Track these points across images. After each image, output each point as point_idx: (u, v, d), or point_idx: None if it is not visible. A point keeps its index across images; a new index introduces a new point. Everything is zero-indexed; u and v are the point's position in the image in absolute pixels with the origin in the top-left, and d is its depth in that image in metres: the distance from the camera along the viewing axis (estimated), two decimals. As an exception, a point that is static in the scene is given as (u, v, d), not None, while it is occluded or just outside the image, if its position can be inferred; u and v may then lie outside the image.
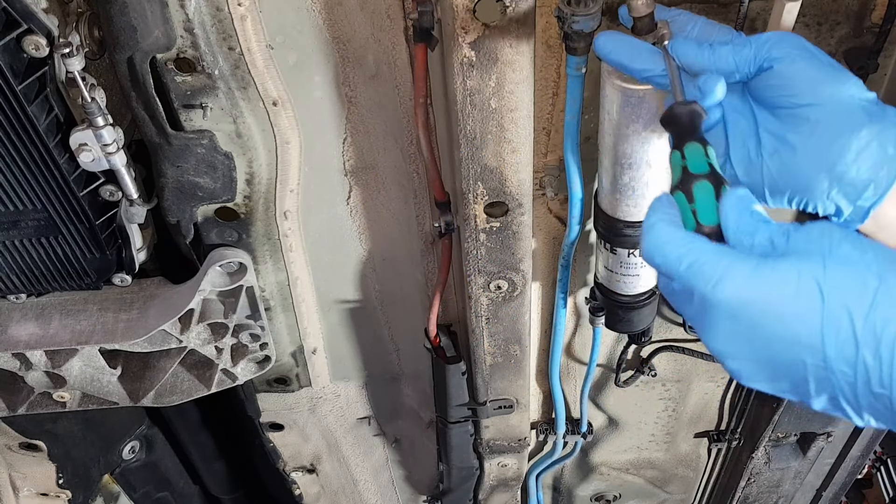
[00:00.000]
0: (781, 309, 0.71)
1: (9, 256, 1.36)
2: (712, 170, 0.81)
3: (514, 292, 1.46)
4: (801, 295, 0.70)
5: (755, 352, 0.73)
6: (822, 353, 0.69)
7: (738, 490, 2.23)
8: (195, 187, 1.30)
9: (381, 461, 2.27)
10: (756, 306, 0.72)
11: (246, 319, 1.52)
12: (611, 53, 0.93)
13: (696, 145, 0.82)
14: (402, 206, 1.50)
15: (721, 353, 0.76)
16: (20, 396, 1.60)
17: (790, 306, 0.70)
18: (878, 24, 1.17)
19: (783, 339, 0.71)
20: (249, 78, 1.19)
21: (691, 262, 0.75)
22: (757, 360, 0.74)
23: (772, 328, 0.71)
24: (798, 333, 0.70)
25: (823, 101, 0.84)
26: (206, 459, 2.36)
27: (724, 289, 0.73)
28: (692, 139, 0.83)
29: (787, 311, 0.71)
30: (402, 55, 1.24)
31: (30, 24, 1.03)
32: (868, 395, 0.69)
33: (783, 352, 0.71)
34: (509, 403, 1.76)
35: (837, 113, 0.84)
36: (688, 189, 0.80)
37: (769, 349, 0.72)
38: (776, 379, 0.74)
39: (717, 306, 0.73)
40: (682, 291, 0.77)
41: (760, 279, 0.72)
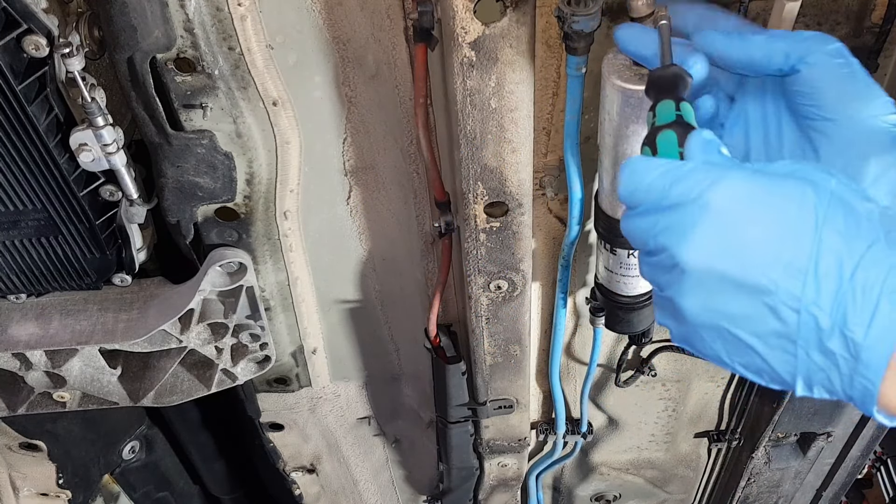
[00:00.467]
0: (773, 226, 0.65)
1: (9, 256, 1.36)
2: (679, 119, 0.76)
3: (514, 292, 1.46)
4: (798, 218, 0.65)
5: (727, 264, 0.66)
6: (801, 286, 0.64)
7: (738, 490, 2.23)
8: (195, 187, 1.30)
9: (381, 461, 2.27)
10: (749, 212, 0.66)
11: (246, 319, 1.52)
12: (630, 44, 0.91)
13: (668, 101, 0.78)
14: (402, 206, 1.50)
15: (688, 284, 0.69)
16: (20, 396, 1.60)
17: (783, 226, 0.65)
18: (878, 24, 1.17)
19: (762, 258, 0.65)
20: (249, 78, 1.19)
21: (677, 175, 0.70)
22: (722, 284, 0.67)
23: (755, 242, 0.65)
24: (780, 256, 0.65)
25: (847, 118, 0.80)
26: (206, 459, 2.36)
27: (720, 189, 0.67)
28: (666, 97, 0.79)
29: (778, 230, 0.65)
30: (402, 55, 1.24)
31: (30, 24, 1.03)
32: (827, 350, 0.65)
33: (757, 272, 0.65)
34: (509, 403, 1.76)
35: (860, 133, 0.79)
36: (651, 141, 0.76)
37: (743, 265, 0.66)
38: (734, 320, 0.68)
39: (708, 212, 0.66)
40: (661, 220, 0.70)
41: (759, 184, 0.66)
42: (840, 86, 0.80)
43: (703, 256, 0.68)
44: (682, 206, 0.69)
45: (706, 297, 0.68)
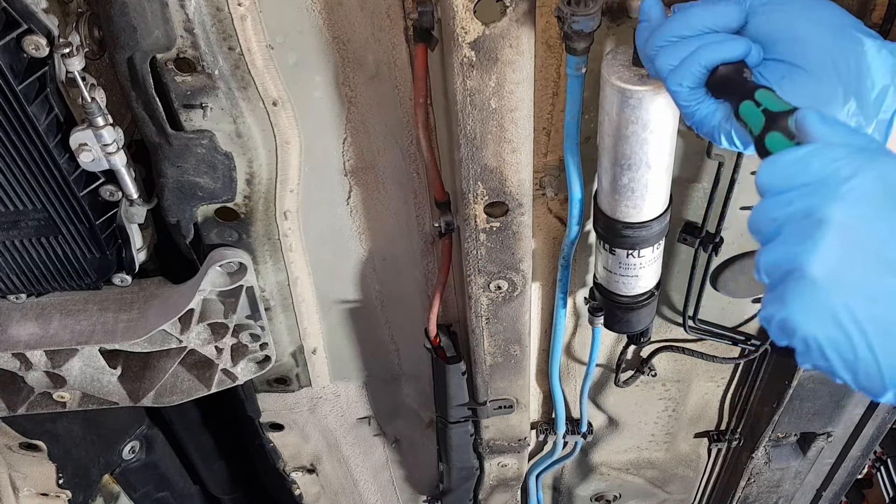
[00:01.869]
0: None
1: (9, 256, 1.36)
2: (769, 113, 0.76)
3: (514, 292, 1.46)
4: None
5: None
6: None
7: (738, 490, 2.23)
8: (195, 187, 1.30)
9: (381, 461, 2.27)
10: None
11: (246, 319, 1.52)
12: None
13: (748, 103, 0.79)
14: (402, 206, 1.50)
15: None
16: (20, 396, 1.60)
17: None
18: (878, 24, 1.17)
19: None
20: (249, 78, 1.19)
21: (830, 154, 0.67)
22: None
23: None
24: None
25: (821, 23, 0.82)
26: (206, 459, 2.36)
27: (877, 164, 0.64)
28: (757, 86, 0.80)
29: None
30: (402, 55, 1.24)
31: (30, 24, 1.03)
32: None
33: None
34: (509, 403, 1.76)
35: (838, 32, 0.82)
36: (783, 127, 0.74)
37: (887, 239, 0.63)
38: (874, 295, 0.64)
39: (867, 174, 0.64)
40: (810, 186, 0.67)
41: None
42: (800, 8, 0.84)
43: (850, 214, 0.64)
44: (836, 172, 0.66)
45: (841, 258, 0.65)
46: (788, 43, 0.84)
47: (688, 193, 1.45)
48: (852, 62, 0.81)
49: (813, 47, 0.82)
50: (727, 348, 1.81)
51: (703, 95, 0.88)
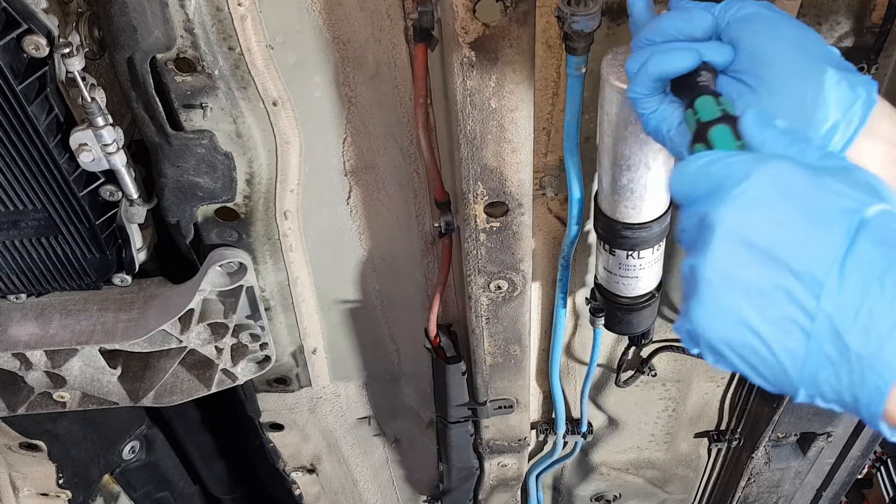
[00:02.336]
0: (815, 214, 0.63)
1: (9, 256, 1.36)
2: (726, 113, 0.76)
3: (514, 292, 1.46)
4: (842, 211, 0.63)
5: (756, 241, 0.65)
6: (826, 273, 0.62)
7: (738, 490, 2.23)
8: (195, 187, 1.30)
9: (381, 461, 2.27)
10: (792, 193, 0.64)
11: (246, 319, 1.52)
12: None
13: (706, 97, 0.79)
14: (402, 206, 1.50)
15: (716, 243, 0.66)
16: (20, 396, 1.60)
17: (824, 216, 0.64)
18: (878, 24, 1.17)
19: (796, 238, 0.64)
20: (249, 78, 1.19)
21: (726, 161, 0.68)
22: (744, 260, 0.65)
23: (793, 220, 0.64)
24: (815, 242, 0.63)
25: (789, 46, 0.81)
26: (206, 459, 2.36)
27: (771, 167, 0.65)
28: (701, 93, 0.80)
29: (818, 218, 0.64)
30: (402, 55, 1.24)
31: (30, 24, 1.03)
32: (841, 345, 0.63)
33: (787, 248, 0.64)
34: (509, 403, 1.76)
35: (803, 58, 0.81)
36: (704, 137, 0.75)
37: (776, 237, 0.64)
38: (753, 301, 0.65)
39: (753, 181, 0.65)
40: (708, 191, 0.68)
41: (810, 174, 0.65)
42: (771, 37, 0.82)
43: (738, 217, 0.66)
44: (730, 177, 0.67)
45: (727, 258, 0.66)
46: (751, 62, 0.83)
47: (688, 193, 1.44)
48: (810, 92, 0.80)
49: (775, 71, 0.81)
50: (727, 348, 1.81)
51: (658, 104, 0.87)
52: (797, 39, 0.82)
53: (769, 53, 0.82)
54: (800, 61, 0.81)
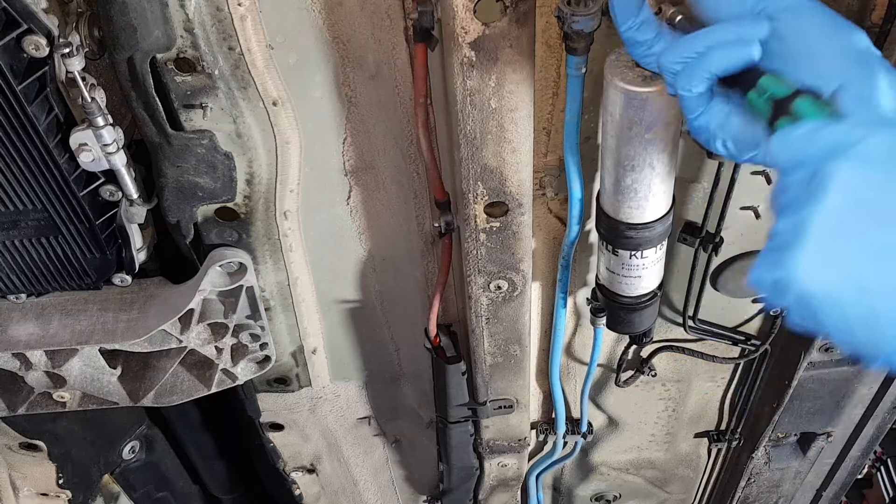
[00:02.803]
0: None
1: (9, 256, 1.36)
2: (799, 89, 0.77)
3: (514, 292, 1.46)
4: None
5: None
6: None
7: (738, 490, 2.23)
8: (195, 187, 1.30)
9: (381, 461, 2.27)
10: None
11: (246, 319, 1.52)
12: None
13: (769, 77, 0.79)
14: (402, 206, 1.50)
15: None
16: (20, 396, 1.60)
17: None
18: (878, 24, 1.17)
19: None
20: (249, 78, 1.18)
21: (831, 129, 0.69)
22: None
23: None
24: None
25: (841, 46, 0.79)
26: (206, 459, 2.36)
27: (883, 132, 0.67)
28: (759, 75, 0.80)
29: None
30: (402, 55, 1.24)
31: (30, 24, 1.03)
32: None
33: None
34: (509, 403, 1.76)
35: (856, 58, 0.78)
36: (787, 111, 0.76)
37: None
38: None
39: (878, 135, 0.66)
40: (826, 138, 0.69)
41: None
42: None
43: (857, 172, 0.66)
44: (844, 139, 0.68)
45: (846, 211, 0.66)
46: (803, 60, 0.80)
47: (688, 193, 1.44)
48: (865, 91, 0.78)
49: (826, 69, 0.79)
50: (727, 348, 1.81)
51: (707, 101, 0.85)
52: (847, 41, 0.80)
53: (823, 54, 0.80)
54: (854, 63, 0.79)
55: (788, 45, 0.82)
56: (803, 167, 0.71)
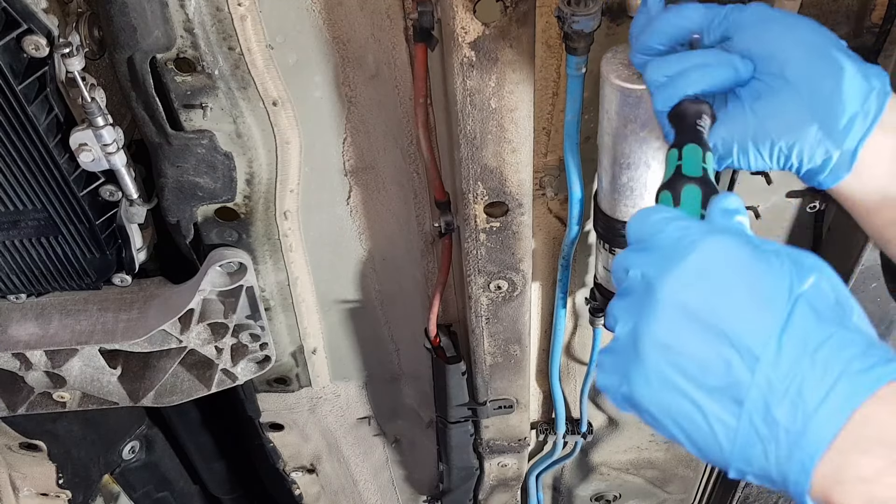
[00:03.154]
0: (754, 287, 0.65)
1: (9, 256, 1.36)
2: (705, 175, 0.78)
3: (514, 292, 1.46)
4: (777, 287, 0.64)
5: (696, 309, 0.66)
6: (763, 346, 0.63)
7: (738, 490, 2.23)
8: (195, 187, 1.30)
9: (381, 461, 2.27)
10: (735, 267, 0.66)
11: (246, 319, 1.52)
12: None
13: (695, 147, 0.81)
14: (402, 206, 1.50)
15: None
16: (20, 396, 1.60)
17: (762, 291, 0.65)
18: (878, 24, 1.17)
19: (733, 310, 0.65)
20: (249, 78, 1.19)
21: (687, 227, 0.70)
22: (681, 326, 0.66)
23: (732, 293, 0.65)
24: (751, 315, 0.64)
25: (803, 43, 0.83)
26: (206, 459, 2.36)
27: (716, 241, 0.67)
28: (693, 140, 0.81)
29: (757, 293, 0.65)
30: (402, 55, 1.24)
31: (30, 24, 1.03)
32: (771, 420, 0.63)
33: (724, 319, 0.65)
34: (509, 403, 1.76)
35: (818, 54, 0.82)
36: (676, 190, 0.77)
37: (714, 308, 0.65)
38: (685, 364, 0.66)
39: (698, 252, 0.67)
40: (654, 254, 0.70)
41: (754, 249, 0.67)
42: (780, 28, 0.85)
43: (682, 287, 0.67)
44: (681, 243, 0.69)
45: (669, 328, 0.67)
46: (767, 62, 0.83)
47: (688, 193, 1.44)
48: (828, 87, 0.81)
49: (791, 68, 0.82)
50: (727, 348, 1.81)
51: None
52: (810, 37, 0.83)
53: (785, 53, 0.83)
54: (815, 57, 0.82)
55: (758, 59, 0.84)
56: (642, 255, 0.70)
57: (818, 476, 0.62)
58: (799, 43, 0.83)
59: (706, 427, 0.66)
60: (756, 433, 0.64)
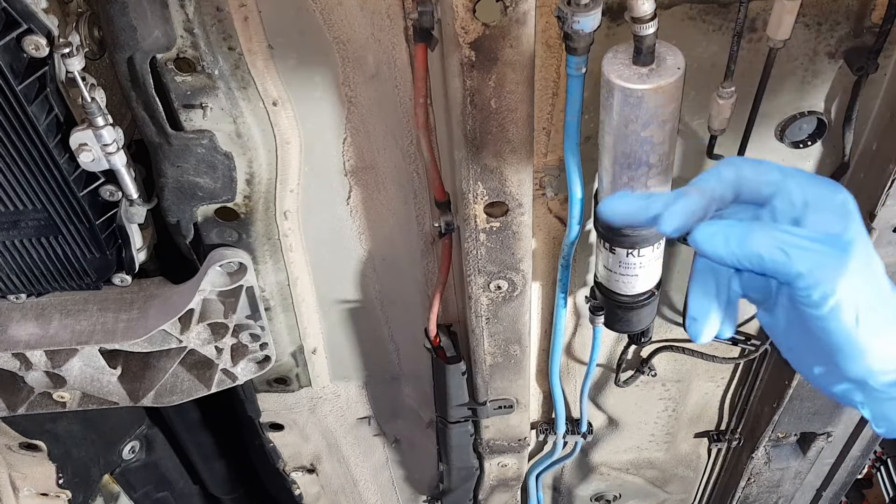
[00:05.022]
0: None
1: (9, 256, 1.36)
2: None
3: (514, 292, 1.46)
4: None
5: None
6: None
7: (738, 490, 2.23)
8: (195, 187, 1.30)
9: (381, 461, 2.27)
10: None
11: (246, 319, 1.52)
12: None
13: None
14: (402, 206, 1.50)
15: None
16: (20, 396, 1.60)
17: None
18: (878, 24, 1.17)
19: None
20: (249, 78, 1.19)
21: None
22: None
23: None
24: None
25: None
26: (206, 459, 2.36)
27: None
28: None
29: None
30: (402, 55, 1.24)
31: (30, 24, 1.03)
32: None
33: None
34: (509, 403, 1.76)
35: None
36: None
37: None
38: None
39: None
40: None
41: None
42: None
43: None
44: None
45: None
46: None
47: (688, 193, 1.44)
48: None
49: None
50: (727, 348, 1.81)
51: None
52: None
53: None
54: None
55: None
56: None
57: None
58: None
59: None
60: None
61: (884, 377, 0.76)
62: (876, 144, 1.33)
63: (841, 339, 0.74)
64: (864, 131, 1.34)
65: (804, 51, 1.23)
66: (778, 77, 1.24)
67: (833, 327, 0.74)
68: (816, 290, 0.72)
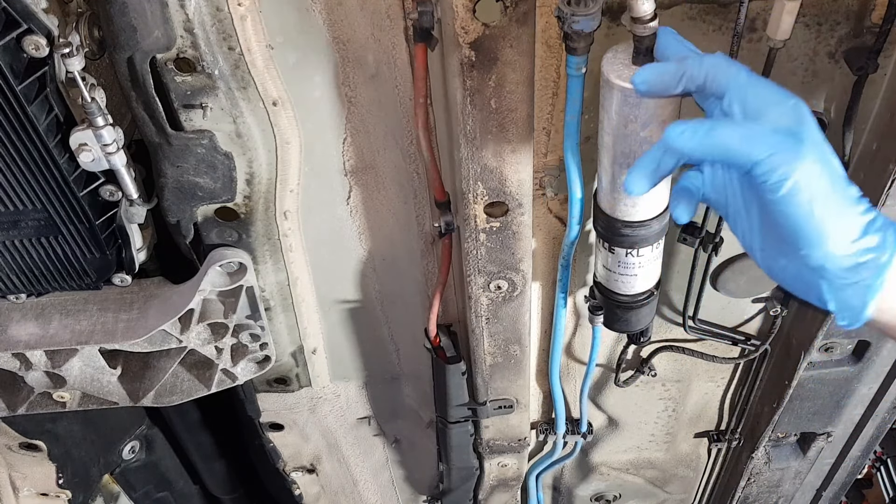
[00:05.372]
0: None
1: (9, 256, 1.36)
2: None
3: (514, 292, 1.46)
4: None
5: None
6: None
7: (738, 490, 2.23)
8: (195, 187, 1.30)
9: (381, 461, 2.27)
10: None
11: (246, 319, 1.52)
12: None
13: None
14: (402, 206, 1.50)
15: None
16: (20, 396, 1.60)
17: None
18: (878, 24, 1.17)
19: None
20: (249, 78, 1.19)
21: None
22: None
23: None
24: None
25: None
26: (206, 459, 2.37)
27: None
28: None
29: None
30: (402, 55, 1.24)
31: (30, 24, 1.03)
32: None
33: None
34: (509, 403, 1.76)
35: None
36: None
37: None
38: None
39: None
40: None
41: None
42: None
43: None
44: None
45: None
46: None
47: (688, 193, 1.44)
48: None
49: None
50: (727, 348, 1.81)
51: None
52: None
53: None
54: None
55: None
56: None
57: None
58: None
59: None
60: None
61: (843, 261, 0.81)
62: (876, 144, 1.33)
63: (800, 222, 0.80)
64: (864, 131, 1.34)
65: (804, 51, 1.23)
66: (778, 77, 1.24)
67: (791, 211, 0.80)
68: (774, 173, 0.79)
